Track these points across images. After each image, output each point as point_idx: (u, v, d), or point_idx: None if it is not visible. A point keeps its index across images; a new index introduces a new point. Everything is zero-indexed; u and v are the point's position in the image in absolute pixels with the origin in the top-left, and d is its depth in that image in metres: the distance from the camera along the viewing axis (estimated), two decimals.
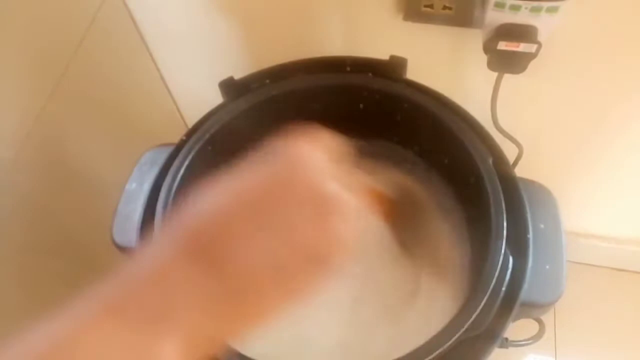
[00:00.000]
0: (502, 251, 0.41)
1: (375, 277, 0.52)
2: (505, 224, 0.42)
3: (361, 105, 0.54)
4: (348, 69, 0.53)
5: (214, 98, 0.53)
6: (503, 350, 0.45)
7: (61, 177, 0.61)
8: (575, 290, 0.64)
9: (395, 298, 0.51)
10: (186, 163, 0.48)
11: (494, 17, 0.50)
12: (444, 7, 0.54)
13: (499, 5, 0.49)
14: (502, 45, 0.51)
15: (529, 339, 0.52)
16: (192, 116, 0.53)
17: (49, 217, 0.59)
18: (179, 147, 0.49)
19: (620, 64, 0.57)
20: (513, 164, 0.63)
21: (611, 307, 0.92)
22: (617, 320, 0.91)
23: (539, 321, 0.52)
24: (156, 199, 0.46)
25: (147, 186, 0.48)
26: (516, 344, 0.49)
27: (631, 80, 0.59)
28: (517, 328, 0.44)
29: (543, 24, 0.50)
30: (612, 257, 0.93)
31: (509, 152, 0.54)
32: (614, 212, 0.84)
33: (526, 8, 0.48)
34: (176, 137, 0.51)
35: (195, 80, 0.77)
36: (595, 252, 0.92)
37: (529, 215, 0.45)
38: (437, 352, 0.38)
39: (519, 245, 0.43)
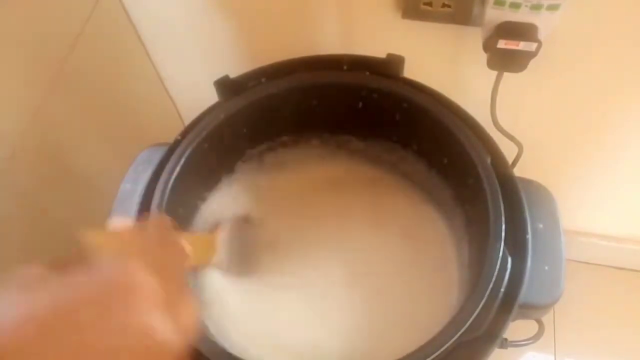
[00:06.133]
0: (501, 252, 0.41)
1: (372, 278, 0.52)
2: (503, 225, 0.42)
3: (360, 104, 0.54)
4: (345, 67, 0.53)
5: (212, 96, 0.53)
6: (502, 350, 0.44)
7: (57, 176, 0.60)
8: (575, 289, 0.63)
9: (394, 300, 0.51)
10: (181, 162, 0.47)
11: (494, 15, 0.50)
12: (443, 5, 0.53)
13: (499, 3, 0.48)
14: (502, 44, 0.51)
15: (528, 339, 0.51)
16: (191, 115, 0.53)
17: (46, 215, 0.59)
18: (173, 147, 0.49)
19: (621, 63, 0.57)
20: (512, 163, 0.62)
21: (611, 306, 0.92)
22: (617, 319, 0.91)
23: (539, 321, 0.51)
24: (150, 199, 0.46)
25: (141, 186, 0.48)
26: (515, 344, 0.49)
27: (632, 79, 0.58)
28: (516, 328, 0.44)
29: (543, 22, 0.49)
30: (612, 256, 0.93)
31: (509, 151, 0.53)
32: (613, 211, 0.84)
33: (526, 6, 0.48)
34: (174, 135, 0.51)
35: (192, 79, 0.77)
36: (595, 251, 0.92)
37: (527, 216, 0.44)
38: (435, 354, 0.37)
39: (517, 246, 0.43)
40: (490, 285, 0.40)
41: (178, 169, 0.47)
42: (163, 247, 0.28)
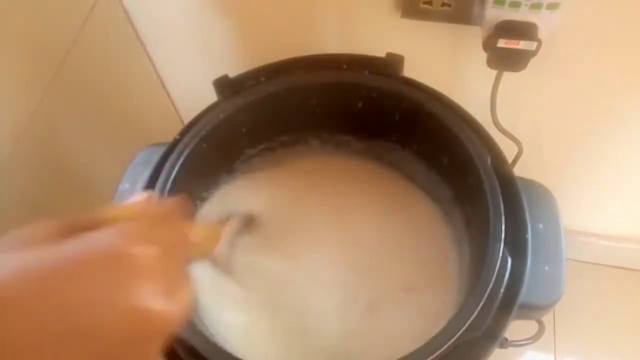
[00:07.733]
0: (501, 253, 0.41)
1: (370, 278, 0.52)
2: (503, 225, 0.42)
3: (359, 104, 0.54)
4: (344, 66, 0.52)
5: (212, 96, 0.53)
6: (502, 350, 0.44)
7: (56, 176, 0.60)
8: (575, 289, 0.63)
9: (392, 300, 0.50)
10: (179, 162, 0.47)
11: (494, 14, 0.50)
12: (443, 4, 0.53)
13: (499, 2, 0.48)
14: (502, 43, 0.51)
15: (528, 339, 0.51)
16: (190, 114, 0.52)
17: (44, 215, 0.59)
18: (172, 147, 0.49)
19: (622, 62, 0.57)
20: (512, 162, 0.62)
21: (611, 305, 0.92)
22: (617, 318, 0.91)
23: (539, 321, 0.51)
24: None
25: (140, 186, 0.48)
26: (515, 344, 0.49)
27: (633, 78, 0.58)
28: (516, 328, 0.43)
29: (543, 21, 0.49)
30: (612, 255, 0.93)
31: (509, 150, 0.53)
32: (613, 210, 0.84)
33: (526, 5, 0.48)
34: (173, 135, 0.51)
35: (191, 79, 0.77)
36: (595, 250, 0.92)
37: (527, 215, 0.44)
38: (436, 354, 0.37)
39: (517, 246, 0.43)
40: (490, 286, 0.40)
41: (177, 168, 0.47)
42: (170, 227, 0.27)
